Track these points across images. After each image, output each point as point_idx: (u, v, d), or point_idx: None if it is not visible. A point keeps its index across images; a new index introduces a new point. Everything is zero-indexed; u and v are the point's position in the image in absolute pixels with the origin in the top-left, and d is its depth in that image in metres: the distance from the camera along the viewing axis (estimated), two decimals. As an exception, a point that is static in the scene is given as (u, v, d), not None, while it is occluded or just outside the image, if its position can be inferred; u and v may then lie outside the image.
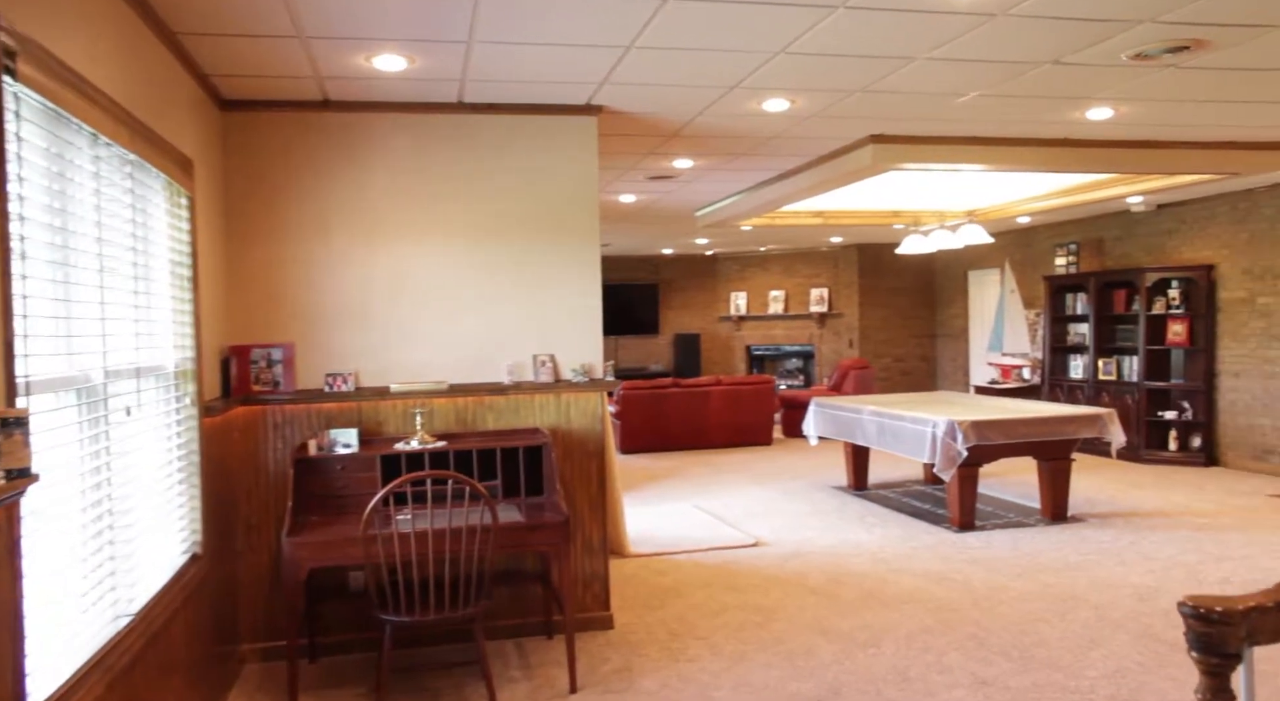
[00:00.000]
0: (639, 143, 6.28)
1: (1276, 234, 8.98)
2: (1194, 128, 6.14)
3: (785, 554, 6.53)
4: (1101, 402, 10.41)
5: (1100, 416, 7.31)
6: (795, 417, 12.41)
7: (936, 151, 6.28)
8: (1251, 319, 9.28)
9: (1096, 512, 7.57)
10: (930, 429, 7.10)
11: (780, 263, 15.88)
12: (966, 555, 6.37)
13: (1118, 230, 10.88)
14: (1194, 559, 6.13)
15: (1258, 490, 8.36)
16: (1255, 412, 9.25)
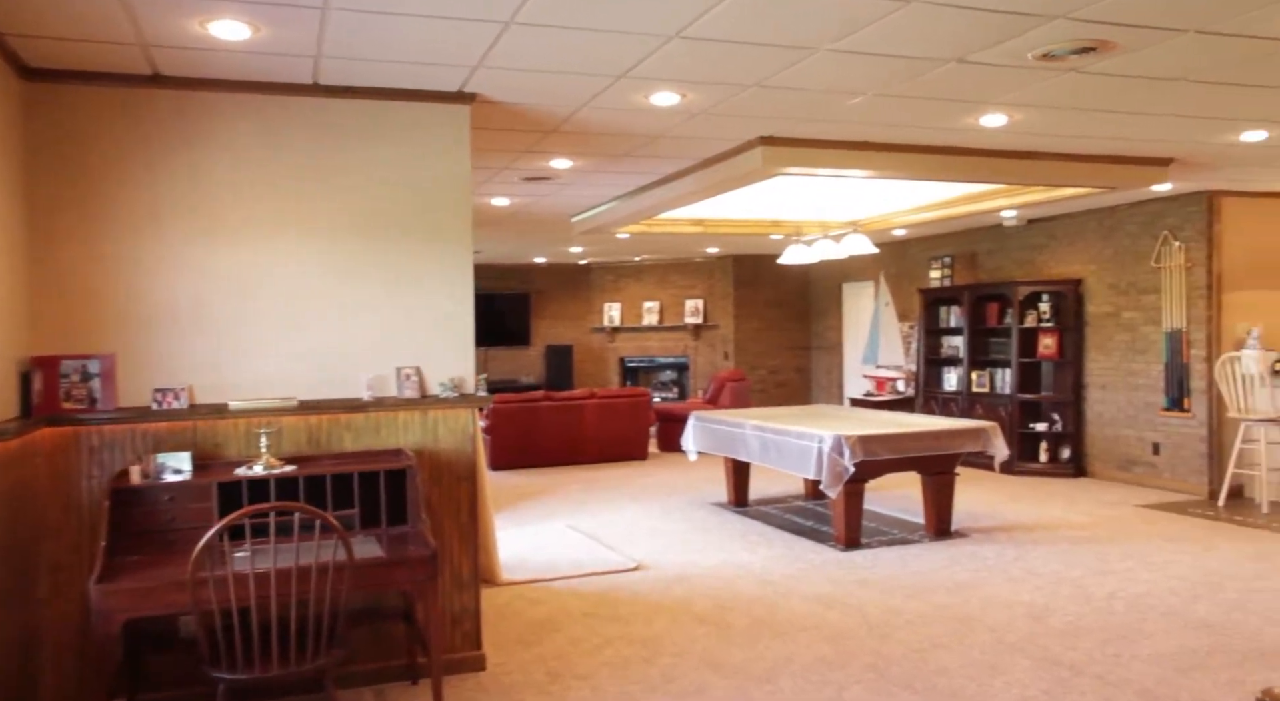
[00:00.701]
0: (515, 139, 5.83)
1: (1139, 249, 9.16)
2: (1080, 140, 6.08)
3: (669, 578, 6.16)
4: (975, 415, 10.47)
5: (984, 430, 7.22)
6: (671, 431, 12.11)
7: (826, 156, 6.05)
8: (1117, 332, 9.45)
9: (979, 527, 7.48)
10: (816, 444, 6.86)
11: (655, 273, 15.62)
12: (856, 576, 6.13)
13: (990, 244, 10.99)
14: (1078, 573, 6.05)
15: (1125, 500, 8.46)
16: (1120, 424, 9.41)
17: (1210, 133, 5.97)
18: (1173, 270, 8.84)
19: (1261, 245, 8.77)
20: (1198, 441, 8.67)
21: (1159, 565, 6.23)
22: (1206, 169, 7.29)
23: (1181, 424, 8.81)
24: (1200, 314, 8.61)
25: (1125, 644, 4.77)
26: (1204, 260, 8.58)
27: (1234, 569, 6.12)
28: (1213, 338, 8.57)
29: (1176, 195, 8.73)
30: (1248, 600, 5.45)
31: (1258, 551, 6.57)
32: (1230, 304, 8.63)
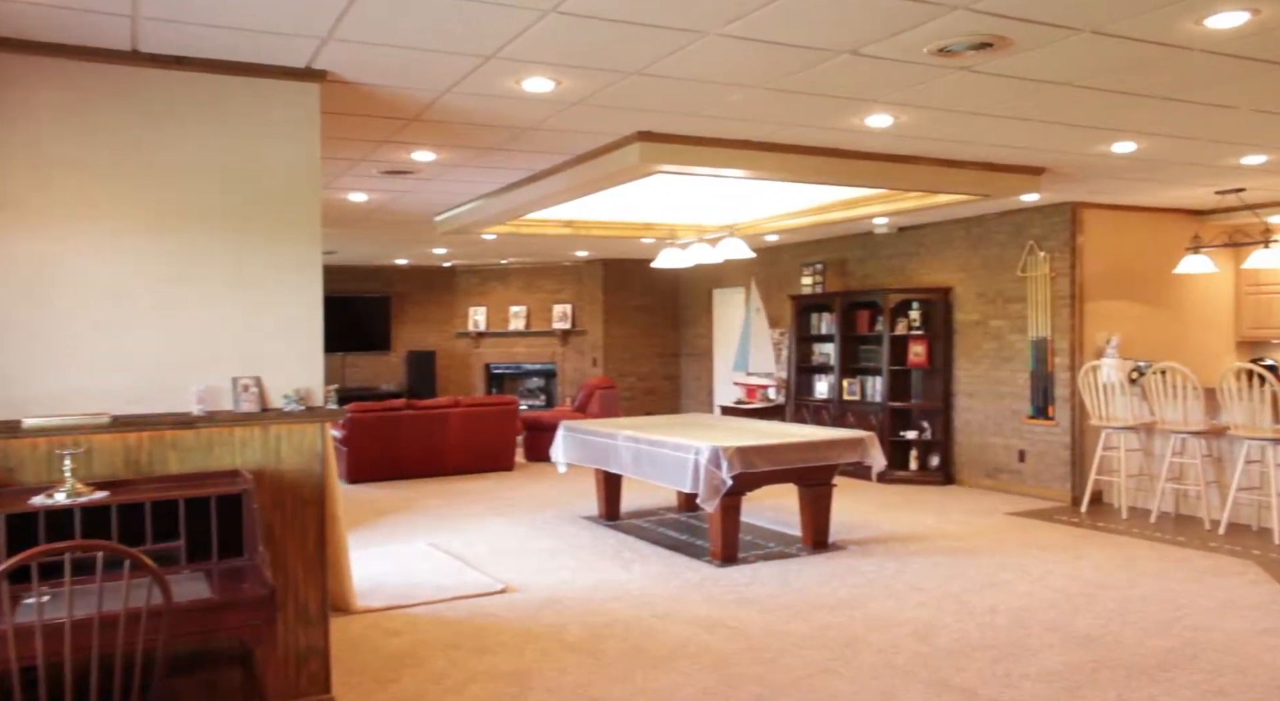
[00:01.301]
0: (373, 127, 5.34)
1: (1006, 259, 9.27)
2: (960, 145, 5.99)
3: (538, 601, 5.76)
4: (846, 423, 10.43)
5: (863, 440, 7.08)
6: (538, 440, 11.68)
7: (706, 154, 5.77)
8: (984, 340, 9.54)
9: (855, 539, 7.34)
10: (693, 456, 6.58)
11: (522, 277, 15.16)
12: (735, 594, 5.86)
13: (862, 251, 11.00)
14: (959, 587, 5.94)
15: (995, 508, 8.51)
16: (988, 432, 9.50)
17: (1084, 143, 5.96)
18: (1038, 279, 8.96)
19: (1120, 256, 8.98)
20: (1061, 448, 8.80)
21: (1036, 576, 6.18)
22: (1074, 180, 7.36)
23: (1046, 431, 8.93)
24: (1064, 323, 8.75)
25: (1013, 662, 4.62)
26: (1068, 270, 8.72)
27: (1106, 577, 6.12)
28: (1076, 346, 8.71)
29: (1042, 206, 8.85)
30: (1124, 611, 5.41)
31: (1125, 558, 6.62)
32: (1092, 313, 8.80)
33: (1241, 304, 9.70)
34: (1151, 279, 9.16)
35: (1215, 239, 8.91)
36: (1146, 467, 8.35)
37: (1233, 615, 5.32)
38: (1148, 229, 9.16)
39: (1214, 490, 7.79)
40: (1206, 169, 6.96)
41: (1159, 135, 5.76)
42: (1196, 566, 6.39)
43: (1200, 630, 5.07)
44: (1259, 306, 9.55)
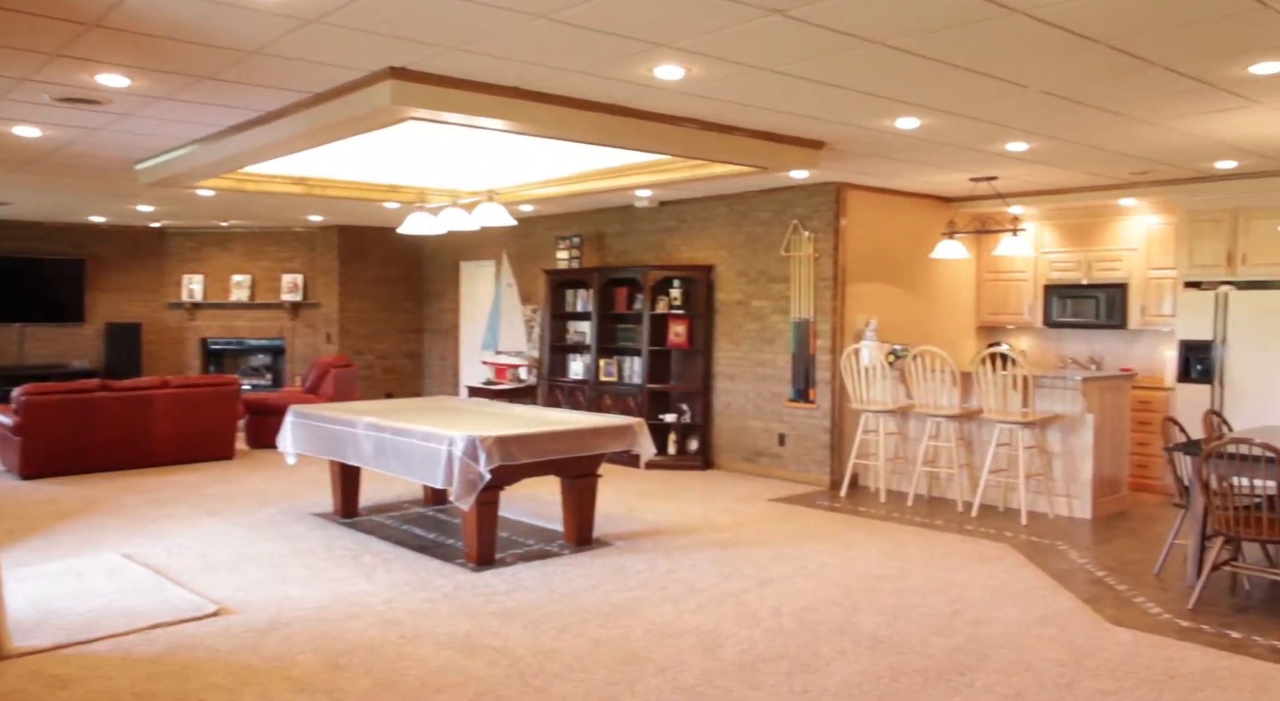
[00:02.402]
0: (39, 30, 4.14)
1: (770, 238, 9.06)
2: (747, 110, 5.53)
3: (261, 625, 4.79)
4: (603, 405, 9.94)
5: (631, 427, 6.55)
6: (264, 425, 10.41)
7: (471, 101, 4.98)
8: (746, 321, 9.31)
9: (620, 532, 6.82)
10: (445, 447, 5.79)
11: (246, 242, 13.58)
12: (496, 604, 5.15)
13: (620, 226, 10.51)
14: (737, 585, 5.53)
15: (757, 494, 8.28)
16: (748, 414, 9.29)
17: (871, 115, 5.68)
18: (802, 260, 8.80)
19: (879, 239, 8.99)
20: (821, 432, 8.71)
21: (813, 570, 5.89)
22: (849, 158, 7.15)
23: (806, 414, 8.81)
24: (826, 304, 8.64)
25: (810, 675, 4.21)
26: (831, 251, 8.60)
27: (880, 568, 5.93)
28: (837, 328, 8.62)
29: (807, 185, 8.68)
30: (904, 605, 5.18)
31: (893, 546, 6.49)
32: (853, 295, 8.74)
33: (982, 290, 10.04)
34: (905, 263, 9.25)
35: (968, 226, 9.09)
36: (903, 451, 8.39)
37: (1007, 604, 5.22)
38: (903, 213, 9.23)
39: (965, 473, 7.91)
40: (974, 154, 6.94)
41: (944, 112, 5.56)
42: (961, 552, 6.35)
43: (981, 623, 4.90)
44: (997, 292, 9.91)
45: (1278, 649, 4.61)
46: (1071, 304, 9.29)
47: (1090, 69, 4.57)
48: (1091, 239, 9.22)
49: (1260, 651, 4.58)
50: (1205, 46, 4.23)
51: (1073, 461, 7.50)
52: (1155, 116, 5.64)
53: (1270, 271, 7.90)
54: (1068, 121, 5.78)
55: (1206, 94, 5.08)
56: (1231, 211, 8.07)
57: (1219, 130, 6.05)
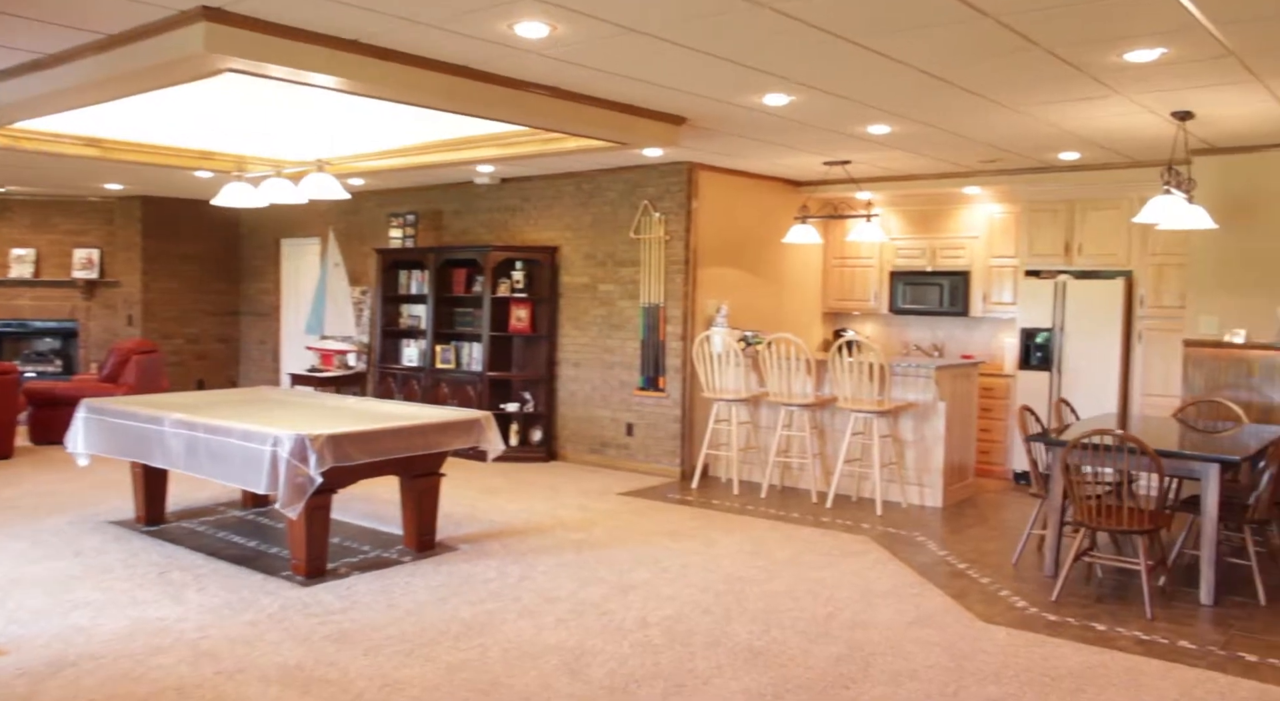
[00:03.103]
0: None
1: (618, 219, 8.67)
2: (611, 78, 5.09)
3: (39, 668, 4.04)
4: (439, 394, 9.33)
5: (478, 421, 6.02)
6: (50, 419, 9.26)
7: (298, 52, 4.34)
8: (593, 306, 8.90)
9: (465, 535, 6.30)
10: (270, 448, 5.12)
11: (30, 212, 12.11)
12: (330, 626, 4.56)
13: (458, 203, 9.88)
14: (597, 593, 5.13)
15: (606, 488, 7.90)
16: (594, 404, 8.90)
17: (740, 89, 5.35)
18: (652, 243, 8.45)
19: (730, 222, 8.74)
20: (671, 422, 8.41)
21: (675, 573, 5.55)
22: (708, 136, 6.82)
23: (656, 403, 8.49)
24: (678, 289, 8.32)
25: (687, 696, 3.86)
26: (683, 234, 8.29)
27: (743, 568, 5.65)
28: (688, 314, 8.33)
29: (658, 164, 8.33)
30: (775, 610, 4.91)
31: (752, 543, 6.24)
32: (704, 280, 8.46)
33: (829, 276, 9.98)
34: (755, 247, 9.05)
35: (821, 210, 8.96)
36: (755, 440, 8.20)
37: (879, 604, 5.02)
38: (754, 196, 9.03)
39: (818, 463, 7.77)
40: (835, 136, 6.74)
41: (816, 88, 5.29)
42: (822, 547, 6.16)
43: (858, 628, 4.67)
44: (844, 279, 9.87)
45: (1140, 640, 4.59)
46: (916, 291, 9.33)
47: (975, 45, 4.37)
48: (936, 227, 9.28)
49: (1126, 643, 4.54)
50: (1089, 29, 4.09)
51: (925, 449, 7.47)
52: (1020, 102, 5.55)
53: (1103, 261, 8.11)
54: (935, 104, 5.62)
55: (1075, 80, 5.00)
56: (1069, 202, 8.23)
57: (1072, 120, 6.05)
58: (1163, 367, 7.82)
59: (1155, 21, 3.97)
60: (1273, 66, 4.67)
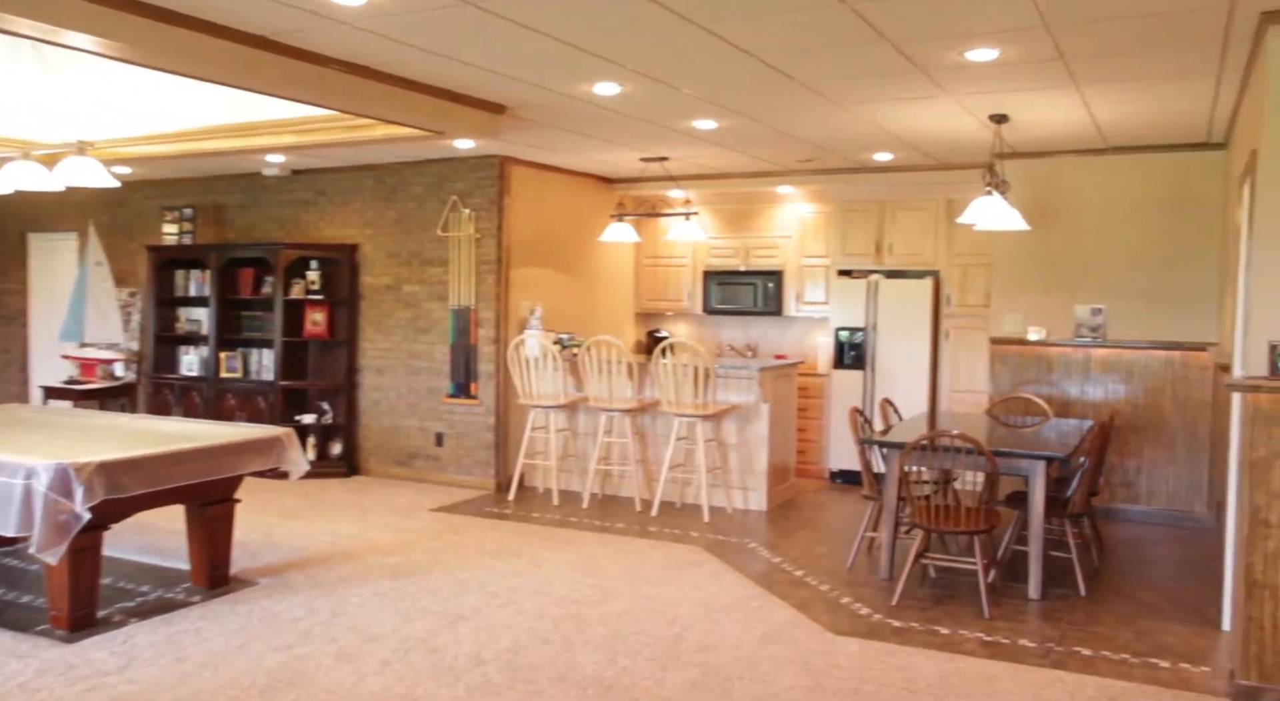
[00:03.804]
0: None
1: (424, 215, 8.11)
2: (431, 59, 4.60)
3: None
4: (225, 406, 8.45)
5: (278, 440, 5.37)
6: None
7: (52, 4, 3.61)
8: (398, 308, 8.28)
9: (263, 566, 5.62)
10: (23, 482, 4.32)
11: None
12: (104, 692, 3.85)
13: (243, 196, 8.98)
14: (423, 627, 4.63)
15: (417, 504, 7.35)
16: (401, 413, 8.29)
17: (570, 78, 4.98)
18: (461, 241, 7.94)
19: (543, 220, 8.35)
20: (485, 430, 7.93)
21: (505, 598, 5.11)
22: (524, 127, 6.41)
23: (468, 411, 7.98)
24: (490, 290, 7.85)
25: (540, 747, 3.46)
26: (494, 232, 7.82)
27: (578, 590, 5.29)
28: (502, 316, 7.87)
29: (468, 157, 7.83)
30: (619, 635, 4.58)
31: (582, 560, 5.88)
32: (517, 280, 8.03)
33: (641, 276, 9.76)
34: (567, 246, 8.70)
35: (638, 208, 8.71)
36: (574, 448, 7.85)
37: (724, 622, 4.79)
38: (567, 193, 8.67)
39: (640, 469, 7.52)
40: (659, 130, 6.49)
41: (651, 78, 4.99)
42: (655, 560, 5.88)
43: (709, 649, 4.41)
44: (657, 278, 9.68)
45: (984, 642, 4.57)
46: (729, 291, 9.26)
47: (827, 35, 4.19)
48: (749, 226, 9.24)
49: (972, 647, 4.50)
50: (940, 24, 3.99)
51: (748, 453, 7.36)
52: (852, 100, 5.47)
53: (912, 261, 8.28)
54: (770, 99, 5.46)
55: (911, 79, 4.94)
56: (880, 203, 8.36)
57: (896, 121, 6.05)
58: (969, 364, 8.07)
59: (1003, 19, 3.91)
60: (1093, 72, 4.75)
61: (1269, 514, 3.89)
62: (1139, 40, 4.19)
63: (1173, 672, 4.25)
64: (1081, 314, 7.15)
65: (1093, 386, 7.14)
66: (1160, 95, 5.25)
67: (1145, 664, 4.33)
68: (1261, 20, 3.89)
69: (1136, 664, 4.33)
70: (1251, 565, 3.94)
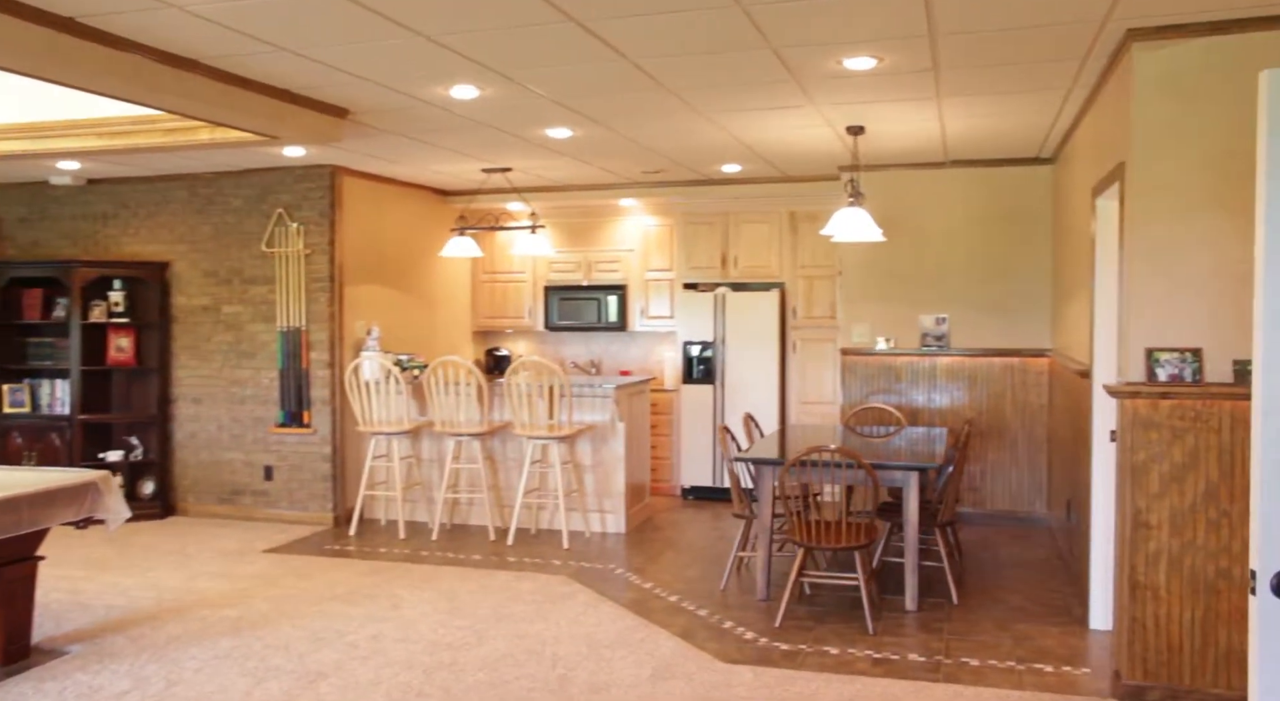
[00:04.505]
0: None
1: (245, 230, 7.44)
2: (277, 56, 4.13)
3: None
4: (11, 445, 7.47)
5: (92, 485, 4.68)
6: None
7: None
8: (217, 331, 7.56)
9: (72, 632, 4.90)
10: None
11: None
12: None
13: (27, 209, 8.00)
14: (278, 690, 4.11)
15: (248, 545, 6.69)
16: (223, 446, 7.56)
17: (429, 77, 4.60)
18: (289, 257, 7.33)
19: (378, 235, 7.84)
20: (320, 461, 7.33)
21: (367, 648, 4.64)
22: (366, 134, 5.94)
23: (300, 441, 7.36)
24: (322, 310, 7.27)
25: (438, 824, 3.07)
26: (326, 247, 7.26)
27: (447, 633, 4.87)
28: (336, 338, 7.31)
29: (294, 167, 7.24)
30: (502, 684, 4.21)
31: (444, 598, 5.46)
32: (352, 299, 7.49)
33: (478, 292, 9.35)
34: (403, 263, 8.20)
35: (482, 221, 8.30)
36: (420, 476, 7.37)
37: (611, 658, 4.50)
38: (401, 206, 8.18)
39: (492, 496, 7.13)
40: (511, 139, 6.16)
41: (514, 81, 4.67)
42: (524, 595, 5.53)
43: (600, 691, 4.12)
44: (495, 295, 9.30)
45: (875, 660, 4.49)
46: (572, 306, 9.00)
47: (708, 38, 4.00)
48: (591, 239, 9.01)
49: (865, 666, 4.41)
50: (826, 29, 3.88)
51: (605, 473, 7.10)
52: (716, 109, 5.33)
53: (757, 273, 8.27)
54: (633, 106, 5.24)
55: (781, 88, 4.84)
56: (724, 215, 8.32)
57: (754, 131, 5.97)
58: (816, 376, 8.12)
59: (895, 27, 3.84)
60: (957, 85, 4.79)
61: (1149, 516, 3.98)
62: (1012, 53, 4.23)
63: (1058, 676, 4.28)
64: (926, 323, 7.31)
65: (939, 394, 7.30)
66: (1011, 109, 5.38)
67: (1031, 670, 4.36)
68: (1125, 37, 3.98)
69: (1023, 671, 4.35)
70: (1135, 567, 4.01)
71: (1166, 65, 3.91)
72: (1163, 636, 3.98)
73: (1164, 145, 3.93)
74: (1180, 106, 3.91)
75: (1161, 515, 3.96)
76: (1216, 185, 3.87)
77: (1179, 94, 3.90)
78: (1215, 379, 3.90)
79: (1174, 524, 3.94)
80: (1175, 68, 3.91)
